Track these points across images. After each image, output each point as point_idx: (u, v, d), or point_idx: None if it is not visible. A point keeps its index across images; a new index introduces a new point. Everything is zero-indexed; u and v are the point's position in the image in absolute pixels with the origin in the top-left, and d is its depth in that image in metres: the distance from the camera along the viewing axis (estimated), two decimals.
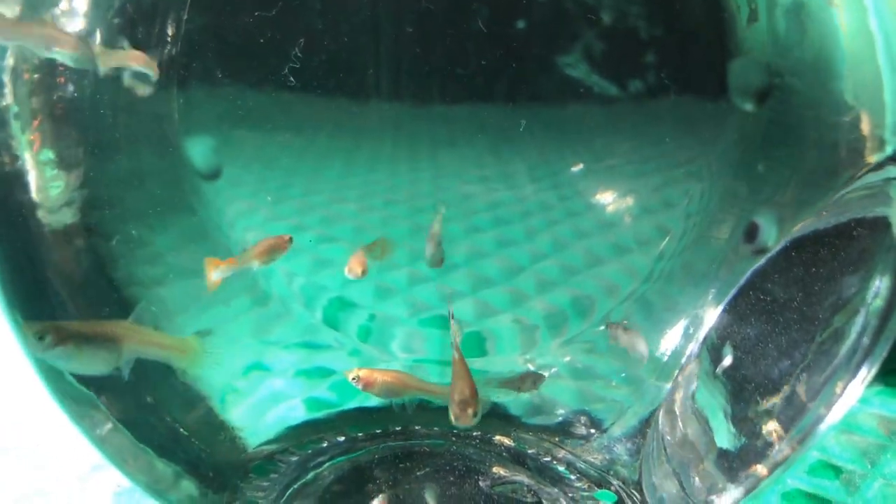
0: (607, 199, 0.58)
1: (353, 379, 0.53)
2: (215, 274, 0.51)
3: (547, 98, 0.53)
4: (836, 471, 0.62)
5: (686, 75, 0.53)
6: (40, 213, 0.49)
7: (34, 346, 0.46)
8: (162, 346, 0.52)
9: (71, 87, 0.48)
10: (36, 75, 0.48)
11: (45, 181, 0.49)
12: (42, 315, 0.49)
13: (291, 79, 0.50)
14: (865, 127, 0.47)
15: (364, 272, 0.55)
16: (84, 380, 0.49)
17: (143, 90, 0.50)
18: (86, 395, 0.49)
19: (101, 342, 0.48)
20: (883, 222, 0.44)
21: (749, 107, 0.51)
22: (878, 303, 0.42)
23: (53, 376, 0.49)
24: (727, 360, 0.51)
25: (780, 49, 0.51)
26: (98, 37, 0.48)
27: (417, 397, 0.56)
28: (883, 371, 0.42)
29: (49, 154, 0.49)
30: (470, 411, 0.48)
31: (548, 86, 0.53)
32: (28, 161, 0.48)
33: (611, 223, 0.58)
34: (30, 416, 0.71)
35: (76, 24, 0.48)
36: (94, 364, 0.48)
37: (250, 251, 0.53)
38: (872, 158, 0.46)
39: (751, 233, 0.52)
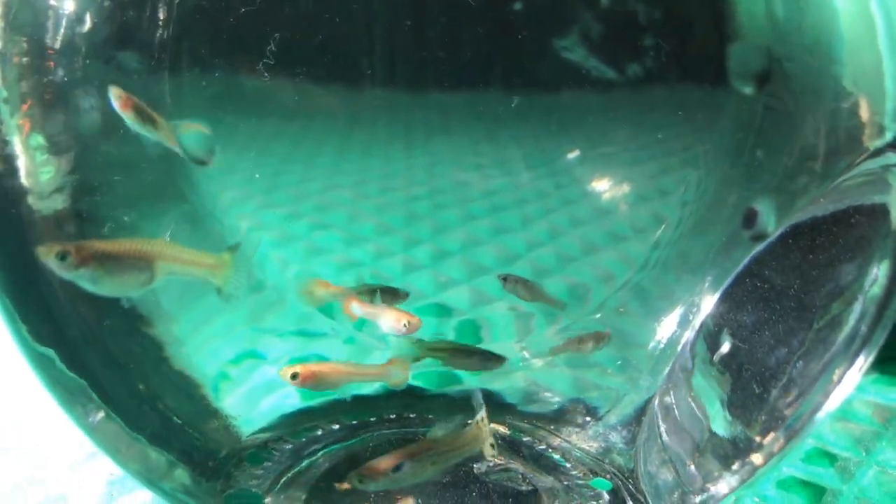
0: (603, 186, 0.57)
1: (292, 376, 0.52)
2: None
3: (543, 85, 0.53)
4: (831, 458, 0.62)
5: (684, 60, 0.53)
6: (30, 199, 0.48)
7: (57, 267, 0.44)
8: (198, 265, 0.49)
9: (61, 72, 0.48)
10: (25, 59, 0.47)
11: (35, 166, 0.48)
12: (31, 303, 0.48)
13: (266, 69, 0.50)
14: (864, 113, 0.46)
15: (412, 324, 0.55)
16: (75, 367, 0.49)
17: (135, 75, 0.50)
18: (77, 384, 0.49)
19: (130, 261, 0.46)
20: (881, 209, 0.44)
21: (748, 90, 0.51)
22: (876, 290, 0.42)
23: (45, 365, 0.48)
24: (724, 348, 0.51)
25: (779, 34, 0.50)
26: (88, 20, 0.47)
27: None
28: (878, 359, 0.42)
29: (39, 139, 0.48)
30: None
31: (544, 72, 0.53)
32: (17, 146, 0.47)
33: (607, 211, 0.58)
34: (22, 407, 0.71)
35: (67, 6, 0.47)
36: (124, 285, 0.46)
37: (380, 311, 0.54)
38: (871, 145, 0.46)
39: (749, 219, 0.51)
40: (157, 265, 0.46)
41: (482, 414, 0.52)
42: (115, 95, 0.46)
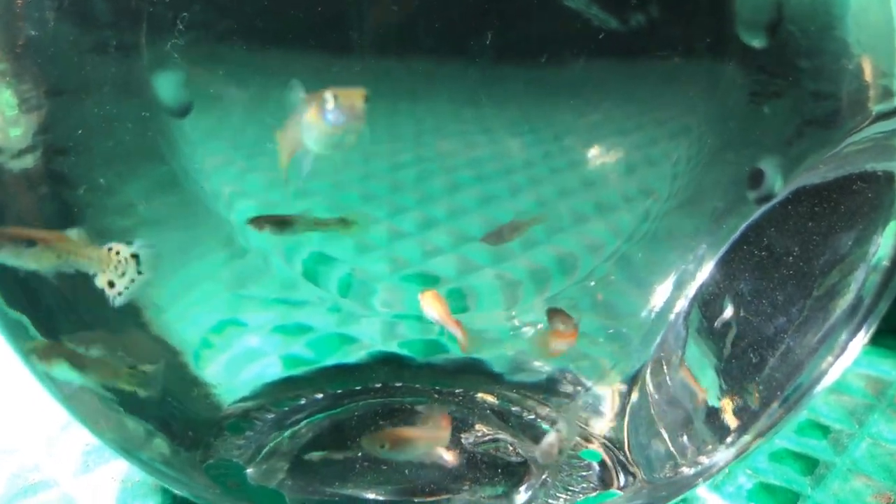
0: (591, 155, 0.56)
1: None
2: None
3: (532, 53, 0.52)
4: (824, 430, 0.62)
5: (681, 21, 0.51)
6: (0, 158, 0.46)
7: None
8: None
9: (31, 25, 0.46)
10: None
11: (4, 123, 0.46)
12: (2, 268, 0.47)
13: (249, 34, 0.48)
14: (870, 75, 0.45)
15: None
16: (49, 335, 0.48)
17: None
18: None
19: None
20: (886, 176, 0.43)
21: (758, 42, 0.49)
22: (881, 259, 0.41)
23: (17, 332, 0.47)
24: (719, 317, 0.50)
25: None
26: None
27: None
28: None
29: (7, 95, 0.46)
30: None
31: (534, 36, 0.51)
32: None
33: (595, 181, 0.57)
34: None
35: None
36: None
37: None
38: (876, 109, 0.45)
39: (755, 178, 0.50)
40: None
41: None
42: None
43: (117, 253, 0.47)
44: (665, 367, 0.53)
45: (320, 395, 0.60)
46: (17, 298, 0.47)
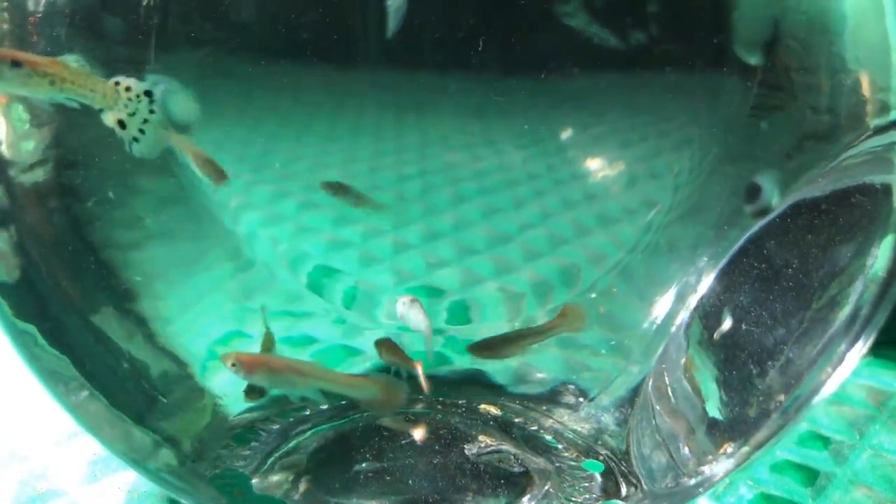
0: (595, 168, 0.57)
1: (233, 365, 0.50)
2: None
3: (536, 65, 0.52)
4: (825, 441, 0.62)
5: (682, 38, 0.52)
6: (12, 171, 0.47)
7: None
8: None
9: (43, 41, 0.46)
10: (6, 27, 0.46)
11: (16, 137, 0.47)
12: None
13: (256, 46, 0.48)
14: (867, 90, 0.45)
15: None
16: (57, 344, 0.48)
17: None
18: (60, 361, 0.48)
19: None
20: (883, 189, 0.43)
21: (755, 60, 0.50)
22: (878, 271, 0.41)
23: (26, 342, 0.47)
24: (720, 328, 0.50)
25: (780, 7, 0.49)
26: None
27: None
28: (873, 342, 0.42)
29: (19, 109, 0.47)
30: None
31: (538, 50, 0.52)
32: None
33: (598, 193, 0.58)
34: (3, 385, 0.70)
35: None
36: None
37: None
38: (874, 123, 0.45)
39: (752, 193, 0.51)
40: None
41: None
42: None
43: (127, 89, 0.43)
44: (666, 379, 0.53)
45: (325, 406, 0.60)
46: (25, 309, 0.48)
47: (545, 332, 0.57)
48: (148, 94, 0.43)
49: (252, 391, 0.54)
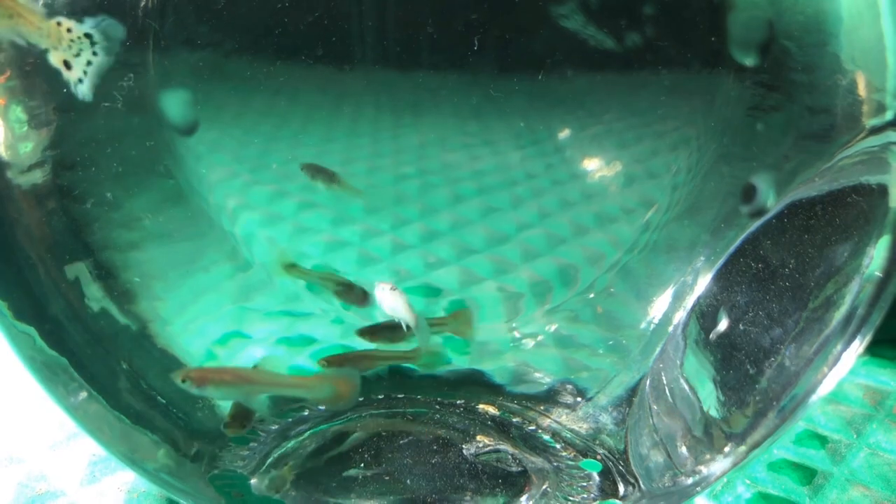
0: (593, 168, 0.57)
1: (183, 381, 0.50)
2: None
3: (533, 65, 0.52)
4: (822, 440, 0.62)
5: (678, 38, 0.52)
6: (10, 173, 0.47)
7: None
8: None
9: None
10: None
11: (14, 139, 0.47)
12: (10, 280, 0.47)
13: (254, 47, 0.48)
14: (863, 91, 0.46)
15: None
16: (56, 346, 0.48)
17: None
18: (58, 362, 0.48)
19: None
20: (879, 189, 0.43)
21: (750, 61, 0.50)
22: (874, 271, 0.41)
23: (25, 343, 0.47)
24: (716, 328, 0.50)
25: (777, 8, 0.49)
26: None
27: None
28: (870, 341, 0.42)
29: (18, 111, 0.47)
30: None
31: (535, 51, 0.52)
32: None
33: (596, 192, 0.58)
34: (1, 386, 0.70)
35: None
36: None
37: None
38: (870, 123, 0.45)
39: (748, 193, 0.51)
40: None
41: None
42: None
43: (68, 30, 0.43)
44: (664, 378, 0.54)
45: (323, 407, 0.60)
46: (24, 310, 0.48)
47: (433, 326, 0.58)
48: (88, 36, 0.43)
49: (234, 422, 0.55)
